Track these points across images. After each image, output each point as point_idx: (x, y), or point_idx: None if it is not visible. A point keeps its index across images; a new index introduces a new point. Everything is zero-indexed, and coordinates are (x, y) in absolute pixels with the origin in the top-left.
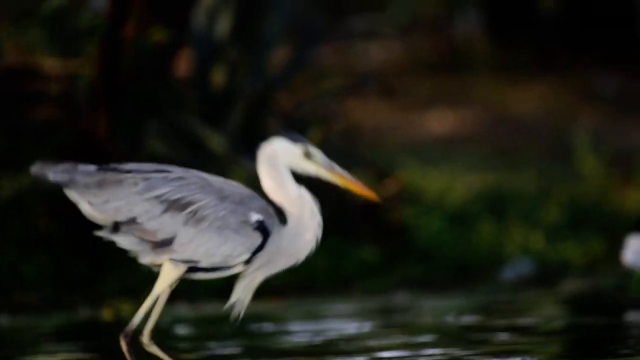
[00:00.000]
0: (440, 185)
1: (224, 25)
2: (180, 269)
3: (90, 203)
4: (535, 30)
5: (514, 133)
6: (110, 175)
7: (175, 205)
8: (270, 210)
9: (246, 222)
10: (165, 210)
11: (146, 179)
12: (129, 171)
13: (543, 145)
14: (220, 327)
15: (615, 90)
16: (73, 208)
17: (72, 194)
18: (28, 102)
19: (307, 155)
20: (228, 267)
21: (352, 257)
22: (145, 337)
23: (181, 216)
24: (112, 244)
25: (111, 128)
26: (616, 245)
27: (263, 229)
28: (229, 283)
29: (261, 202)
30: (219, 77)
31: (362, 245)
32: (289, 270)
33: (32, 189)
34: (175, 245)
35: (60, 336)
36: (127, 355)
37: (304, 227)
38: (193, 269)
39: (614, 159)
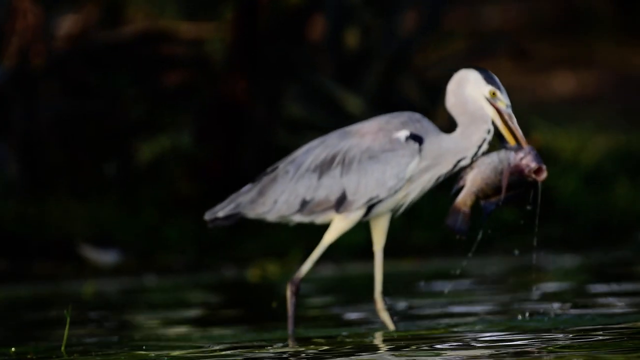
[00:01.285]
0: (572, 146)
1: None
2: (355, 215)
3: (265, 213)
4: None
5: (639, 93)
6: (264, 180)
7: (325, 166)
8: (416, 117)
9: (393, 140)
10: (321, 176)
11: (291, 162)
12: (276, 167)
13: None
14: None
15: None
16: (212, 168)
17: (251, 215)
18: (164, 66)
19: (493, 96)
20: (402, 181)
21: (492, 217)
22: (379, 302)
23: (335, 171)
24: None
25: (249, 91)
26: None
27: (414, 137)
28: (368, 242)
29: (402, 117)
30: (352, 39)
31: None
32: (429, 229)
33: (172, 152)
34: (349, 196)
35: (208, 295)
36: (289, 305)
37: (471, 131)
38: (373, 206)
39: None
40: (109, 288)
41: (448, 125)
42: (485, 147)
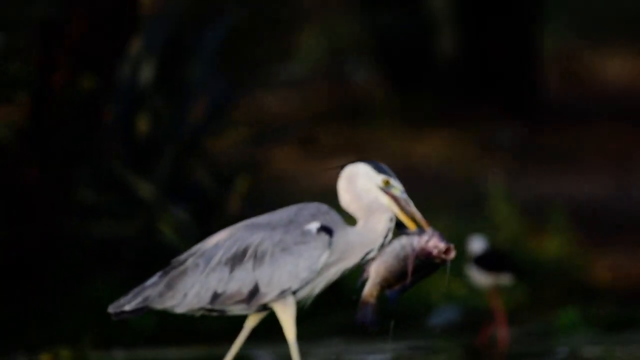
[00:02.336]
0: None
1: (147, 74)
2: (290, 302)
3: (174, 307)
4: (434, 81)
5: (421, 183)
6: (173, 273)
7: (236, 260)
8: (324, 209)
9: (305, 232)
10: (232, 269)
11: (201, 255)
12: (183, 260)
13: (452, 196)
14: None
15: (516, 141)
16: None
17: (158, 307)
18: None
19: (386, 184)
20: (314, 273)
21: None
22: None
23: (248, 264)
24: (45, 290)
25: (40, 176)
26: (537, 292)
27: (325, 229)
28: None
29: (312, 209)
30: (143, 125)
31: None
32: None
33: None
34: (262, 288)
35: None
36: None
37: (374, 223)
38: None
39: (523, 208)
40: None
41: (238, 213)
42: (390, 236)
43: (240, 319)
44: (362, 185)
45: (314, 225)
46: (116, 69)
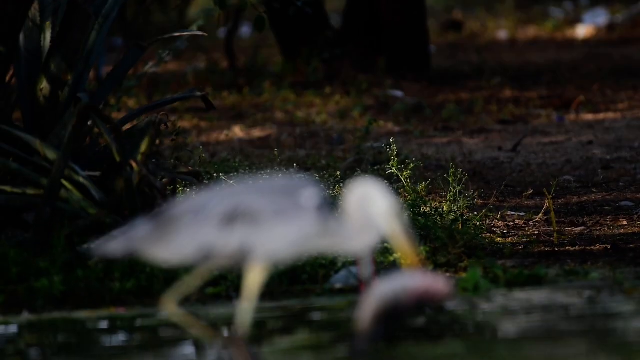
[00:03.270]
0: None
1: (47, 38)
2: (265, 268)
3: (162, 257)
4: (325, 44)
5: (319, 145)
6: (163, 222)
7: (230, 217)
8: (322, 191)
9: (302, 202)
10: (225, 225)
11: (195, 209)
12: (176, 211)
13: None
14: None
15: (409, 101)
16: None
17: (146, 255)
18: None
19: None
20: (305, 244)
21: None
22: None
23: (241, 223)
24: None
25: None
26: (436, 253)
27: (320, 206)
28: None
29: (310, 185)
30: (45, 89)
31: None
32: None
33: None
34: (251, 249)
35: None
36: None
37: (366, 232)
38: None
39: (420, 169)
40: None
41: (141, 174)
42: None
43: (150, 283)
44: (372, 211)
45: (311, 199)
46: (18, 33)
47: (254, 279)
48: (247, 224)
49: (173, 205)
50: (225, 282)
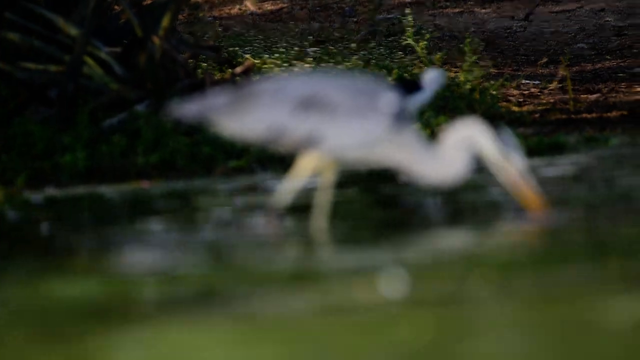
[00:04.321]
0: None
1: None
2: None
3: (232, 130)
4: None
5: (325, 14)
6: (241, 97)
7: (306, 103)
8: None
9: (380, 105)
10: (300, 110)
11: (274, 89)
12: (257, 88)
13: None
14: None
15: None
16: None
17: (217, 125)
18: None
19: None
20: (375, 141)
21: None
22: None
23: (315, 110)
24: None
25: None
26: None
27: (400, 114)
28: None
29: (393, 95)
30: None
31: None
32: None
33: None
34: (321, 138)
35: None
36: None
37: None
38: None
39: (435, 40)
40: None
41: (163, 49)
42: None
43: (173, 156)
44: (480, 149)
45: (390, 104)
46: None
47: (307, 163)
48: (322, 113)
49: (254, 83)
50: (247, 155)
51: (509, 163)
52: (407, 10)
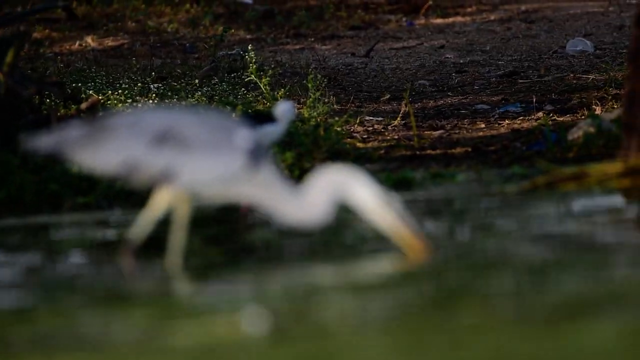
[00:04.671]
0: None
1: None
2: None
3: (88, 163)
4: None
5: (172, 54)
6: (96, 130)
7: (161, 137)
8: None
9: (235, 141)
10: (156, 145)
11: (129, 123)
12: (111, 121)
13: (206, 66)
14: None
15: (257, 9)
16: None
17: (72, 158)
18: None
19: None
20: (229, 176)
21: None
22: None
23: (171, 145)
24: None
25: None
26: (301, 159)
27: (255, 151)
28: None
29: (248, 130)
30: None
31: None
32: None
33: None
34: (176, 173)
35: None
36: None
37: (318, 200)
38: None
39: (277, 76)
40: None
41: (7, 85)
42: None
43: None
44: (357, 201)
45: (245, 140)
46: None
47: (162, 199)
48: (177, 148)
49: (110, 116)
50: (95, 192)
51: (388, 208)
52: (250, 47)
